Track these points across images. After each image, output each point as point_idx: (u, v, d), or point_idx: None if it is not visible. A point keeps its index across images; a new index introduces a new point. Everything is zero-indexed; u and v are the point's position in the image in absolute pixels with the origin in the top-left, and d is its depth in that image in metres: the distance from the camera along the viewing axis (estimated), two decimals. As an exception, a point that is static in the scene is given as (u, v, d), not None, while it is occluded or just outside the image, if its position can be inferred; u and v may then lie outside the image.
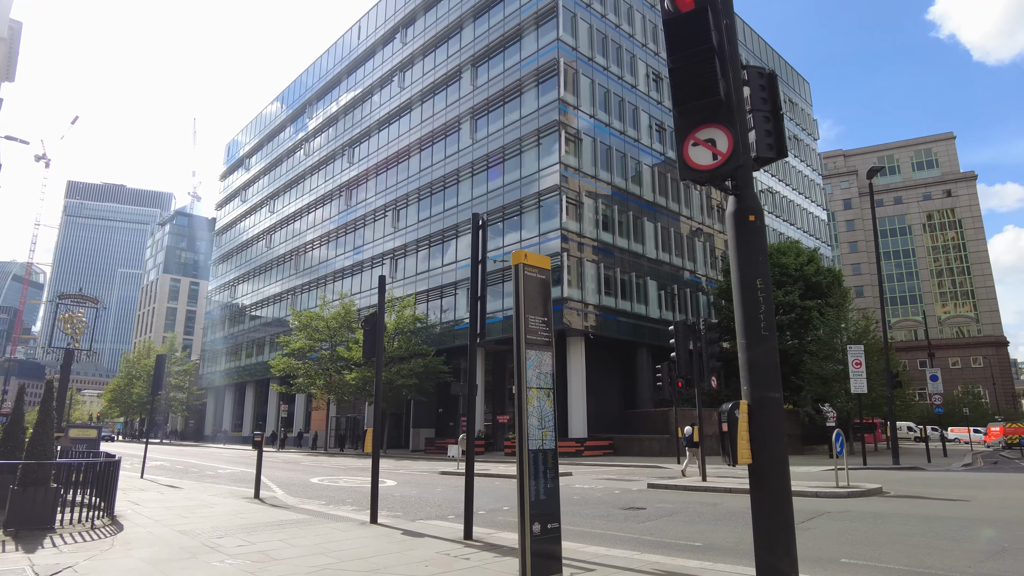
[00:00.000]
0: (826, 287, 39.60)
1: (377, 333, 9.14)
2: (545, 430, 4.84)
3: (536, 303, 5.02)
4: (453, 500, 12.75)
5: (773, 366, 3.62)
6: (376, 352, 9.17)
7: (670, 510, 10.72)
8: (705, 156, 3.71)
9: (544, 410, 4.89)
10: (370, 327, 9.31)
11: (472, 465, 7.47)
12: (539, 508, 4.59)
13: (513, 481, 17.15)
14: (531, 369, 4.87)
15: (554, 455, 4.97)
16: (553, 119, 36.40)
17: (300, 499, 12.98)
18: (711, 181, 3.76)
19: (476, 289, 7.89)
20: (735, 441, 3.49)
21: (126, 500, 11.77)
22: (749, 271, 3.68)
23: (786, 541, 3.49)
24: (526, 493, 4.54)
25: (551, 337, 5.16)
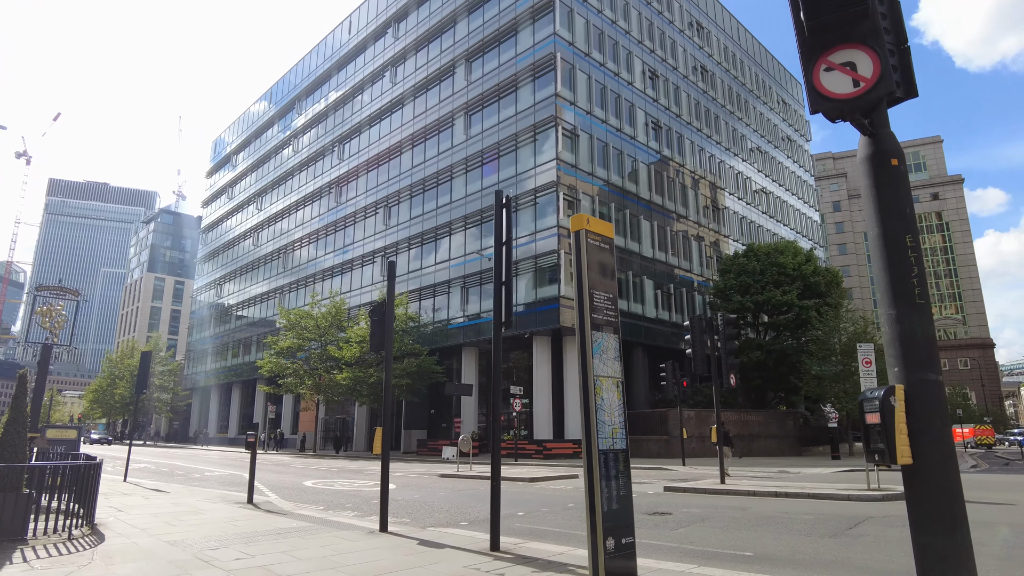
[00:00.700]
0: (824, 287, 39.26)
1: (387, 323, 8.37)
2: (615, 427, 4.11)
3: (601, 276, 4.29)
4: (460, 505, 11.98)
5: (930, 341, 2.91)
6: (385, 344, 8.40)
7: (699, 515, 10.02)
8: (843, 83, 3.00)
9: (613, 403, 4.16)
10: (378, 317, 8.55)
11: (498, 468, 6.73)
12: (613, 519, 3.86)
13: (519, 484, 16.52)
14: (598, 355, 4.13)
15: (626, 456, 4.24)
16: (550, 114, 35.71)
17: (296, 504, 12.14)
18: (850, 114, 3.04)
19: (500, 273, 7.15)
20: (891, 435, 2.78)
21: (108, 506, 10.88)
22: (895, 226, 2.99)
23: (964, 564, 2.68)
24: (598, 502, 3.81)
25: (618, 317, 4.42)
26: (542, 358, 34.65)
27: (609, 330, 4.30)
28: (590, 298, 4.13)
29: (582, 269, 4.17)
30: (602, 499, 3.82)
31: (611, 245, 4.46)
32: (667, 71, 46.00)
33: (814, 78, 3.08)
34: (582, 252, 4.20)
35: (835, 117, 3.05)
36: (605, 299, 4.30)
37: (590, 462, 3.89)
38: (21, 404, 7.94)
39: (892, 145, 3.08)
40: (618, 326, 4.34)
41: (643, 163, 41.63)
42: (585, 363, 4.05)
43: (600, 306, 4.24)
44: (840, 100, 2.99)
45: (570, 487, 15.31)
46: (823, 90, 3.05)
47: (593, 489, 3.84)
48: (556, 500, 12.36)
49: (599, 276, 4.26)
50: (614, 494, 3.94)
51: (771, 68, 63.01)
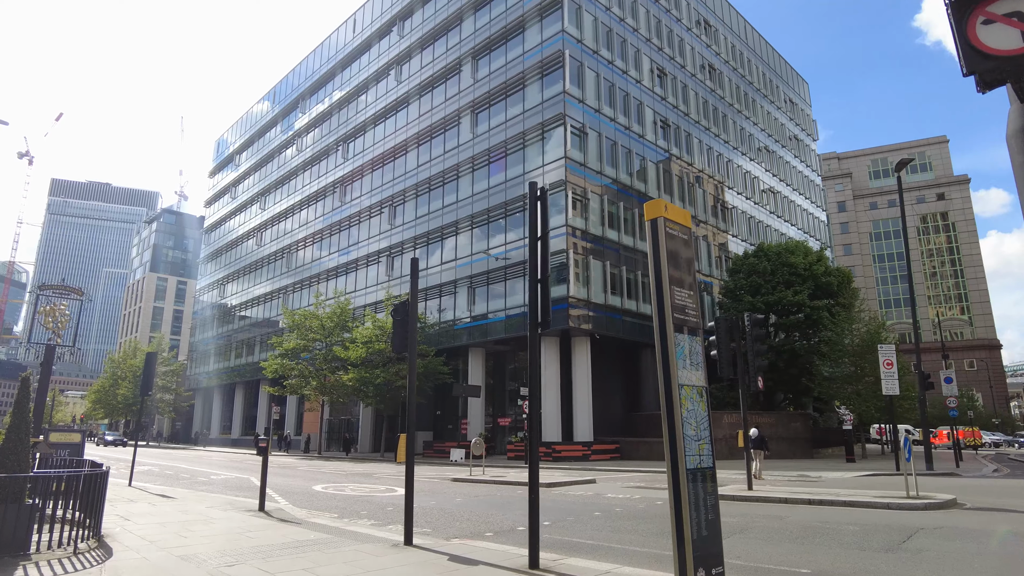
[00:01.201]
0: (836, 287, 38.73)
1: (410, 323, 7.91)
2: (702, 442, 3.64)
3: (682, 271, 3.83)
4: (481, 513, 11.51)
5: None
6: (409, 346, 7.94)
7: (735, 525, 9.54)
8: (1008, 37, 2.52)
9: (699, 414, 3.68)
10: (401, 316, 8.08)
11: (536, 479, 6.26)
12: (703, 548, 3.40)
13: (540, 491, 16.00)
14: (681, 360, 3.65)
15: (713, 476, 3.76)
16: (558, 112, 35.24)
17: (308, 511, 11.67)
18: (1015, 74, 2.56)
19: (537, 270, 6.68)
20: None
21: (114, 514, 10.42)
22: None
23: None
24: (686, 529, 3.33)
25: (699, 316, 3.95)
26: (550, 359, 34.16)
27: (691, 332, 3.83)
28: (670, 295, 3.67)
29: (660, 262, 3.70)
30: (691, 526, 3.35)
31: (690, 235, 3.99)
32: (675, 69, 45.53)
33: (969, 33, 2.60)
34: (660, 243, 3.73)
35: (996, 80, 2.58)
36: (686, 296, 3.83)
37: (676, 483, 3.41)
38: (23, 409, 7.48)
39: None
40: (699, 326, 3.88)
41: (651, 161, 41.15)
42: (668, 370, 3.58)
43: (681, 304, 3.77)
44: (1006, 58, 2.52)
45: (590, 493, 14.84)
46: (982, 47, 2.57)
47: (681, 515, 3.37)
48: (579, 508, 11.88)
49: (678, 270, 3.79)
50: (703, 519, 3.48)
51: (778, 67, 62.52)
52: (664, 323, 3.65)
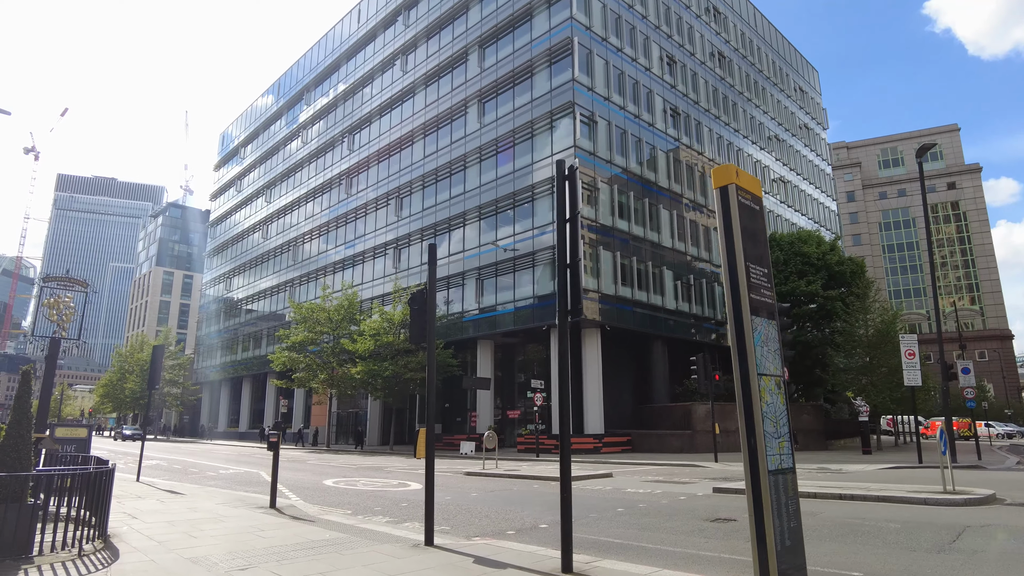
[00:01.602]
0: (849, 276, 38.20)
1: (428, 313, 7.51)
2: (782, 439, 3.20)
3: (755, 246, 3.39)
4: (499, 509, 11.12)
5: None
6: (427, 336, 7.54)
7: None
8: None
9: (778, 408, 3.25)
10: (418, 306, 7.68)
11: (568, 473, 5.85)
12: (787, 560, 2.96)
13: (554, 484, 15.61)
14: (759, 347, 3.21)
15: (795, 478, 3.32)
16: (567, 100, 34.70)
17: (321, 507, 11.32)
18: None
19: (564, 254, 6.25)
20: None
21: (121, 511, 10.09)
22: None
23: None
24: (769, 539, 2.90)
25: (775, 298, 3.52)
26: (560, 351, 33.74)
27: (768, 315, 3.39)
28: (746, 273, 3.23)
29: (733, 235, 3.26)
30: (775, 535, 2.93)
31: (761, 207, 3.54)
32: (684, 57, 44.85)
33: None
34: (732, 214, 3.29)
35: None
36: (761, 275, 3.39)
37: (757, 488, 2.98)
38: (25, 404, 7.12)
39: None
40: (776, 309, 3.44)
41: (661, 150, 40.58)
42: (745, 359, 3.14)
43: (757, 284, 3.33)
44: None
45: (608, 487, 14.45)
46: None
47: (763, 523, 2.94)
48: (601, 504, 11.49)
49: (752, 245, 3.35)
50: (786, 527, 3.05)
51: (788, 55, 61.66)
52: (739, 305, 3.21)
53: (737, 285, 3.23)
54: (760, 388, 3.08)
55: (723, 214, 3.36)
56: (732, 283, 3.26)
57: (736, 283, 3.24)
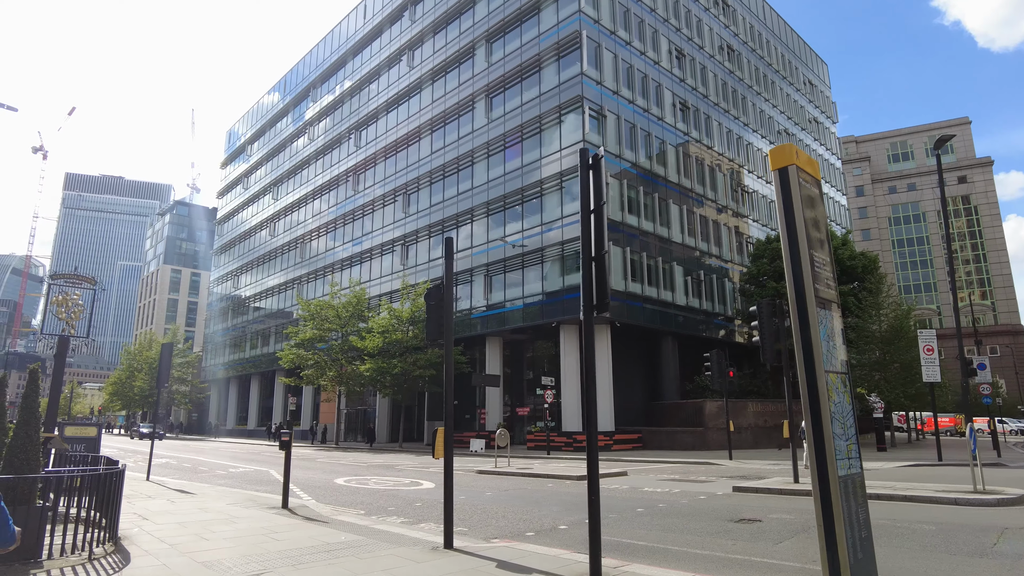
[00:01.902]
0: (861, 271, 37.73)
1: (445, 308, 7.28)
2: (850, 442, 2.92)
3: (818, 232, 3.12)
4: (515, 509, 10.89)
5: None
6: (445, 332, 7.31)
7: (795, 524, 8.87)
8: None
9: (845, 408, 2.97)
10: (435, 301, 7.45)
11: (596, 473, 5.61)
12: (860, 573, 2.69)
13: (569, 483, 15.37)
14: (825, 341, 2.93)
15: (864, 484, 3.04)
16: (576, 94, 34.36)
17: (333, 507, 11.12)
18: None
19: (590, 247, 5.99)
20: None
21: (131, 512, 9.91)
22: None
23: None
24: (842, 552, 2.61)
25: (837, 288, 3.24)
26: (570, 347, 33.49)
27: (833, 307, 3.12)
28: (810, 263, 2.95)
29: (795, 221, 2.98)
30: (847, 548, 2.66)
31: (820, 190, 3.28)
32: (693, 50, 44.41)
33: None
34: (794, 197, 3.01)
35: None
36: (822, 264, 3.12)
37: (826, 496, 2.70)
38: (33, 403, 6.93)
39: None
40: (837, 301, 3.17)
41: (671, 145, 40.18)
42: (810, 355, 2.85)
43: (821, 274, 3.06)
44: None
45: (625, 486, 14.19)
46: None
47: (834, 534, 2.65)
48: (619, 504, 11.24)
49: (816, 232, 3.08)
50: (857, 538, 2.77)
51: (797, 48, 61.05)
52: (803, 296, 2.93)
53: (801, 275, 2.96)
54: (827, 386, 2.81)
55: (783, 199, 3.09)
56: (795, 273, 2.99)
57: (800, 273, 2.97)
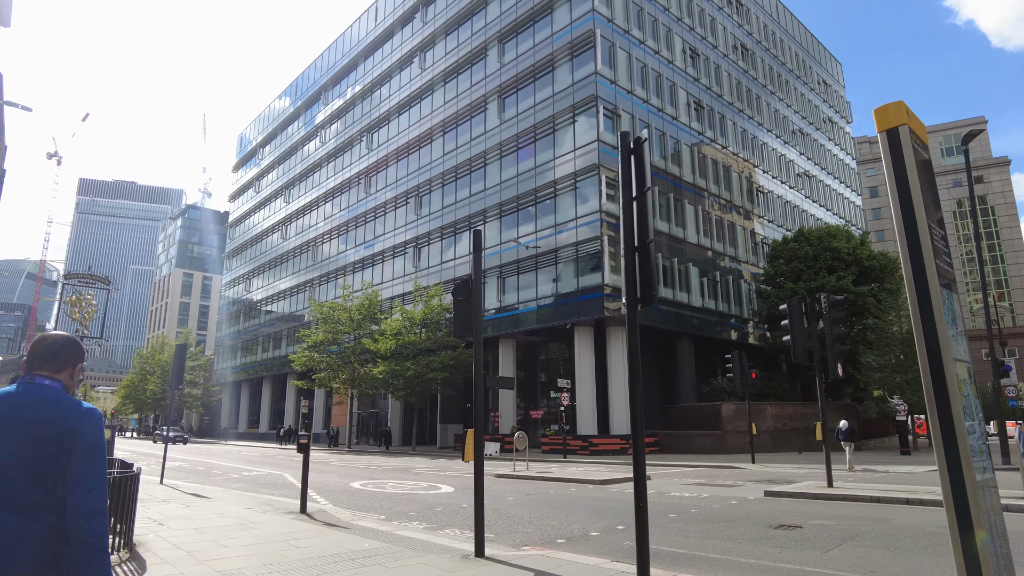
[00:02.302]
0: (880, 271, 37.12)
1: (474, 303, 6.93)
2: (981, 442, 2.52)
3: (934, 202, 2.74)
4: (541, 515, 10.51)
5: None
6: (474, 328, 6.96)
7: (840, 530, 8.44)
8: None
9: (973, 404, 2.54)
10: (464, 296, 7.10)
11: (643, 478, 5.23)
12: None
13: (592, 488, 14.92)
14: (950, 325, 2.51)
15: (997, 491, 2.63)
16: (590, 93, 34.02)
17: (352, 512, 10.79)
18: None
19: (633, 236, 5.62)
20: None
21: (146, 517, 9.62)
22: None
23: None
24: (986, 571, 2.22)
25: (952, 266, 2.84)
26: (585, 350, 33.09)
27: (953, 287, 2.72)
28: (929, 234, 2.56)
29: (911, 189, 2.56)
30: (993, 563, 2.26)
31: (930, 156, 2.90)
32: (707, 49, 43.96)
33: None
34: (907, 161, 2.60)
35: None
36: (940, 238, 2.72)
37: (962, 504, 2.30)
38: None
39: None
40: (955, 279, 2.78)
41: (686, 144, 39.72)
42: (935, 341, 2.40)
43: (940, 249, 2.66)
44: None
45: (651, 491, 13.75)
46: None
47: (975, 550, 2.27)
48: (649, 509, 10.83)
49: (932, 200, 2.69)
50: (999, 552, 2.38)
51: (811, 48, 60.43)
52: (924, 274, 2.50)
53: (919, 249, 2.56)
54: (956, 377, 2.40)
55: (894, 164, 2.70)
56: (911, 248, 2.59)
57: (918, 247, 2.57)
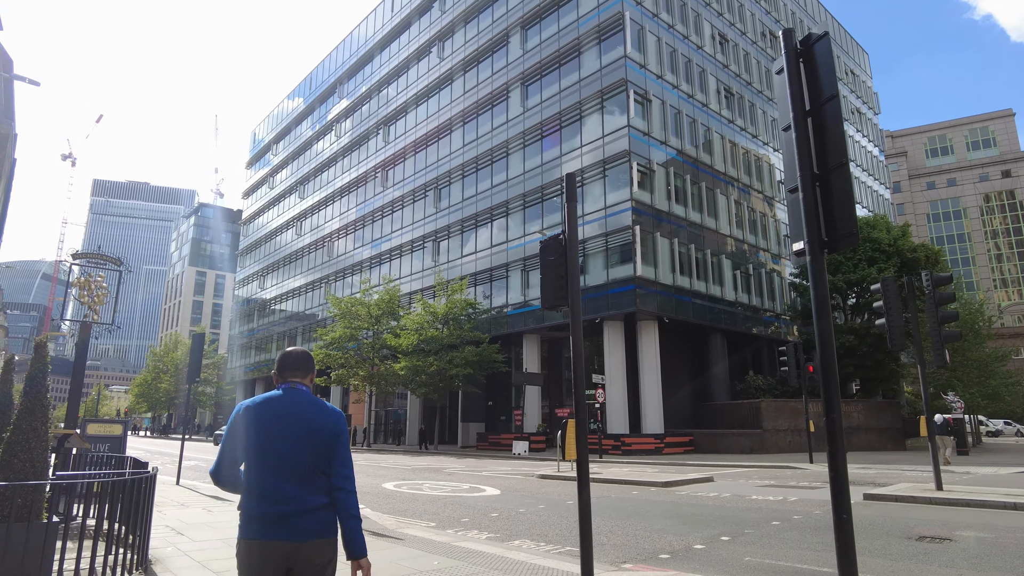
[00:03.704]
0: (923, 264, 35.35)
1: (569, 264, 5.55)
2: None
3: None
4: (619, 524, 9.08)
5: None
6: (570, 295, 5.57)
7: (1007, 544, 6.98)
8: None
9: None
10: (555, 256, 5.71)
11: (846, 484, 3.84)
12: None
13: (653, 490, 13.38)
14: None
15: None
16: (620, 78, 32.55)
17: (396, 518, 9.42)
18: None
19: (809, 160, 4.22)
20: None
21: (163, 524, 8.30)
22: None
23: None
24: None
25: None
26: (615, 346, 31.61)
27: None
28: None
29: None
30: None
31: None
32: (736, 36, 42.37)
33: None
34: None
35: None
36: None
37: None
38: (39, 388, 5.30)
39: None
40: None
41: (716, 132, 38.15)
42: None
43: None
44: None
45: (726, 494, 12.29)
46: None
47: None
48: (741, 516, 9.39)
49: None
50: None
51: (838, 37, 58.62)
52: None
53: None
54: None
55: None
56: None
57: None
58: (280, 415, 2.68)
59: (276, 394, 2.77)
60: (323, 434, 2.68)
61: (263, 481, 2.57)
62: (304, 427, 2.67)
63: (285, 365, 2.86)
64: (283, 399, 2.74)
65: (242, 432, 2.67)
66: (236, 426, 2.70)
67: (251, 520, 2.55)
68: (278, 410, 2.69)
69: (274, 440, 2.63)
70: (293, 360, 2.88)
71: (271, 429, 2.65)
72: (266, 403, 2.72)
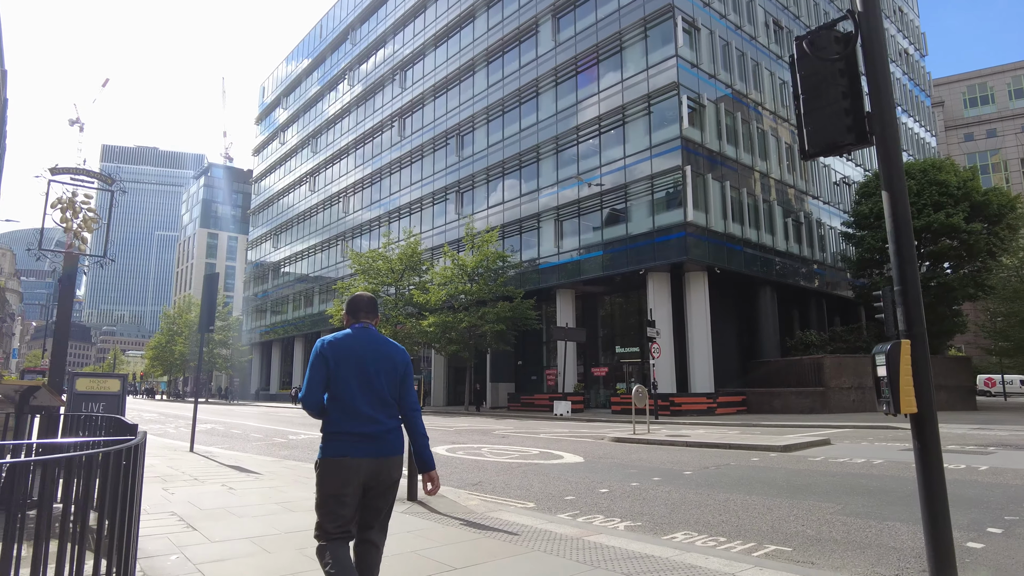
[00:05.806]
0: (996, 209, 32.31)
1: (878, 62, 3.02)
2: None
3: None
4: (775, 504, 6.70)
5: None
6: (882, 112, 2.95)
7: None
8: None
9: None
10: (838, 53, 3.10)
11: None
12: None
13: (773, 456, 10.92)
14: None
15: None
16: (666, 3, 29.30)
17: (478, 496, 7.08)
18: None
19: None
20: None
21: (167, 510, 6.00)
22: None
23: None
24: None
25: None
26: (661, 299, 29.09)
27: None
28: None
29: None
30: None
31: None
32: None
33: None
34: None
35: None
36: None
37: None
38: None
39: None
40: None
41: (766, 68, 34.86)
42: None
43: None
44: None
45: (878, 460, 9.87)
46: None
47: None
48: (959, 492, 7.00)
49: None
50: None
51: (887, -33, 54.15)
52: None
53: None
54: None
55: None
56: None
57: None
58: (363, 349, 3.03)
59: (352, 332, 3.11)
60: (398, 366, 3.11)
61: (354, 405, 2.90)
62: (384, 360, 3.05)
63: (358, 307, 3.23)
64: (362, 336, 3.10)
65: (332, 363, 2.97)
66: (323, 357, 2.99)
67: (341, 439, 2.86)
68: (361, 345, 3.05)
69: (360, 370, 2.96)
70: (365, 303, 3.25)
71: (357, 361, 2.98)
72: (348, 338, 3.06)
